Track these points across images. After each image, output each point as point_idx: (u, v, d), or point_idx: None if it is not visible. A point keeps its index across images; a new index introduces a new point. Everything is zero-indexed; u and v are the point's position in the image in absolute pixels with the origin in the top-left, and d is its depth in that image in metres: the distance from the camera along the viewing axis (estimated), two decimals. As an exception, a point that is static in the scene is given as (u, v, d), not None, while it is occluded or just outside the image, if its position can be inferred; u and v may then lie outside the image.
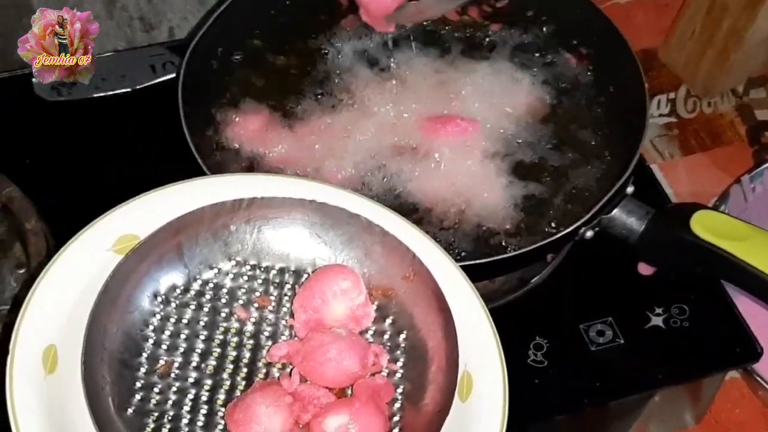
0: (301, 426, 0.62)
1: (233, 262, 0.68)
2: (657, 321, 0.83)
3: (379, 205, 0.70)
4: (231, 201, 0.67)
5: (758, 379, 0.88)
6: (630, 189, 0.81)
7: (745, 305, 0.86)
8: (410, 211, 0.79)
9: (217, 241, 0.67)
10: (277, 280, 0.68)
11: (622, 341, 0.81)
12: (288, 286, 0.68)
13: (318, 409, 0.61)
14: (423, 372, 0.65)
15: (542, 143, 0.85)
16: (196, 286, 0.67)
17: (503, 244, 0.78)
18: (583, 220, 0.77)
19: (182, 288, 0.66)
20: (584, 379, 0.79)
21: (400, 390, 0.65)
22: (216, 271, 0.67)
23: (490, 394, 0.62)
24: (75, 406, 0.58)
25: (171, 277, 0.66)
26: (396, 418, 0.64)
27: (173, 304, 0.65)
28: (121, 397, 0.61)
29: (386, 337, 0.67)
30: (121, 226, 0.65)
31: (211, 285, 0.67)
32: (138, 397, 0.62)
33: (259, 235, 0.68)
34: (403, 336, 0.67)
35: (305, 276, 0.68)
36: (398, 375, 0.65)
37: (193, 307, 0.66)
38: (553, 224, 0.80)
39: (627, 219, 0.79)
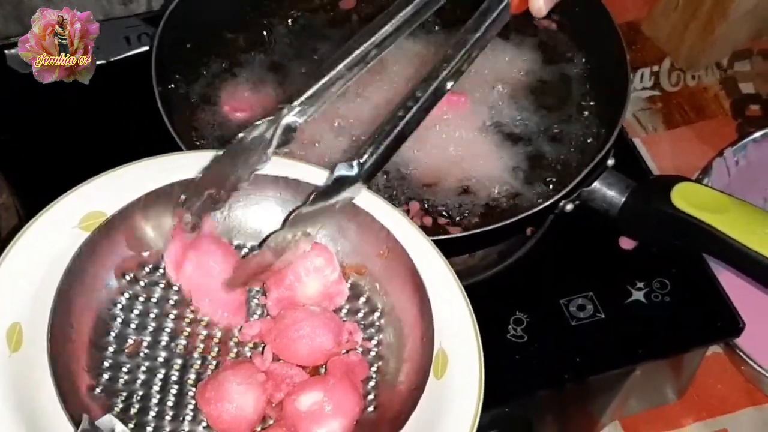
0: (274, 405, 0.61)
1: (204, 240, 0.67)
2: (638, 295, 0.82)
3: (352, 180, 0.69)
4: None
5: (740, 353, 0.88)
6: (611, 161, 0.80)
7: (727, 279, 0.85)
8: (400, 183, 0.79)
9: (188, 218, 0.66)
10: (249, 258, 0.67)
11: (602, 316, 0.81)
12: (261, 263, 0.67)
13: (291, 387, 0.61)
14: (398, 350, 0.64)
15: (524, 116, 0.84)
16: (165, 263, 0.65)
17: (482, 216, 0.77)
18: (562, 193, 0.76)
19: (151, 266, 0.65)
20: (565, 354, 0.78)
21: (374, 368, 0.64)
22: (186, 248, 0.66)
23: (466, 371, 0.61)
24: (41, 385, 0.57)
25: (140, 255, 0.64)
26: (371, 397, 0.63)
27: (142, 283, 0.64)
28: (88, 377, 0.60)
29: (360, 315, 0.66)
30: (87, 202, 0.63)
31: (181, 263, 0.66)
32: (106, 376, 0.60)
33: (230, 213, 0.67)
34: (377, 314, 0.66)
35: (278, 253, 0.67)
36: (373, 353, 0.64)
37: (162, 285, 0.65)
38: (533, 197, 0.79)
39: (607, 191, 0.79)
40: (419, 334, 0.63)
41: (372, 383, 0.63)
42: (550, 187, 0.80)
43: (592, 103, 0.85)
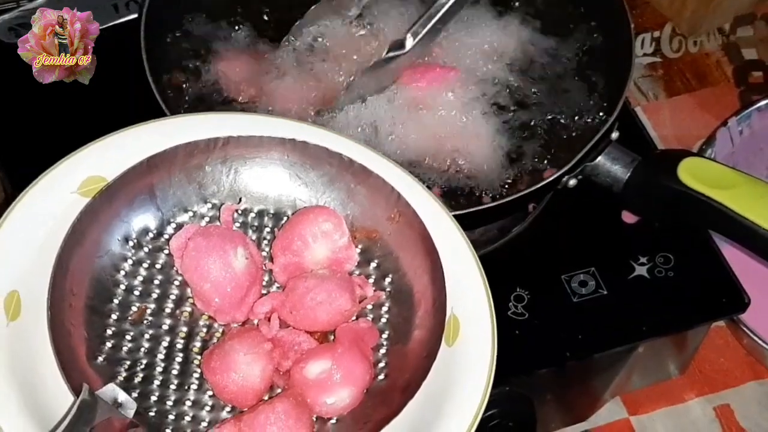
0: (282, 373, 0.59)
1: (209, 205, 0.65)
2: (641, 271, 0.79)
3: (361, 144, 0.67)
4: (205, 140, 0.63)
5: (744, 329, 0.86)
6: (615, 135, 0.77)
7: (730, 252, 0.82)
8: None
9: (192, 182, 0.64)
10: (255, 224, 0.65)
11: (605, 292, 0.78)
12: (267, 229, 0.65)
13: (299, 355, 0.59)
14: (409, 316, 0.62)
15: (524, 88, 0.80)
16: (170, 229, 0.63)
17: (485, 193, 0.75)
18: (566, 168, 0.73)
19: (155, 232, 0.63)
20: (566, 331, 0.76)
21: (385, 335, 0.62)
22: (191, 214, 0.64)
23: (478, 338, 0.59)
24: (41, 354, 0.55)
25: (143, 220, 0.63)
26: (381, 364, 0.61)
27: (146, 249, 0.62)
28: (90, 345, 0.58)
29: (371, 281, 0.64)
30: (87, 167, 0.61)
31: (186, 229, 0.64)
32: (109, 344, 0.59)
33: (236, 177, 0.65)
34: (388, 279, 0.64)
35: (285, 219, 0.65)
36: (383, 320, 0.63)
37: (166, 251, 0.63)
38: (535, 172, 0.76)
39: (611, 166, 0.76)
40: (431, 300, 0.61)
41: (383, 351, 0.61)
42: (553, 162, 0.76)
43: (592, 74, 0.81)
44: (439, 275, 0.61)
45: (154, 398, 0.58)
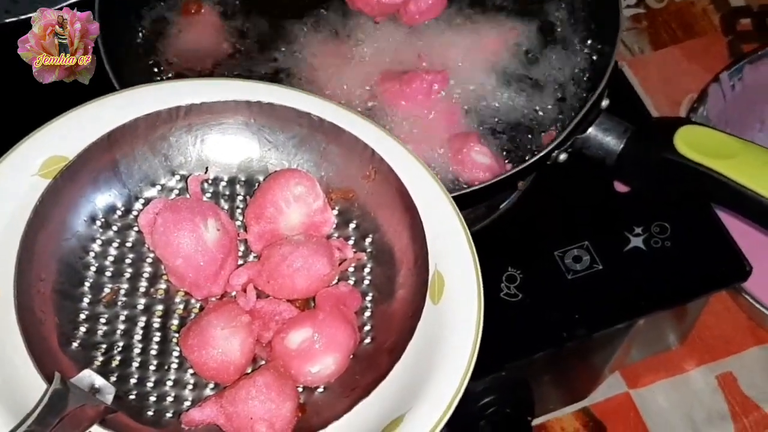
0: (264, 345, 0.57)
1: (177, 177, 0.62)
2: (637, 242, 0.76)
3: (329, 101, 0.64)
4: (167, 110, 0.61)
5: (745, 295, 0.83)
6: (605, 103, 0.73)
7: (725, 217, 0.79)
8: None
9: (157, 155, 0.62)
10: (227, 192, 0.63)
11: (600, 267, 0.75)
12: (240, 197, 0.63)
13: (280, 325, 0.57)
14: (392, 276, 0.60)
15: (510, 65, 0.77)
16: (138, 205, 0.61)
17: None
18: (555, 143, 0.69)
19: (123, 209, 0.61)
20: (562, 311, 0.73)
21: (369, 297, 0.60)
22: (159, 188, 0.62)
23: (464, 294, 0.57)
24: (11, 344, 0.53)
25: (109, 198, 0.60)
26: (367, 327, 0.59)
27: (114, 227, 0.60)
28: (63, 331, 0.56)
29: (351, 242, 0.62)
30: (46, 147, 0.59)
31: (154, 203, 0.61)
32: (83, 329, 0.57)
33: (202, 146, 0.63)
34: (368, 240, 0.62)
35: (257, 185, 0.63)
36: (366, 281, 0.61)
37: (136, 228, 0.61)
38: (524, 147, 0.73)
39: (603, 138, 0.72)
40: (413, 258, 0.59)
41: (367, 314, 0.59)
42: (537, 137, 0.73)
43: (578, 38, 0.77)
44: (419, 231, 0.58)
45: (133, 381, 0.56)
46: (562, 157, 0.71)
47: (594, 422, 0.86)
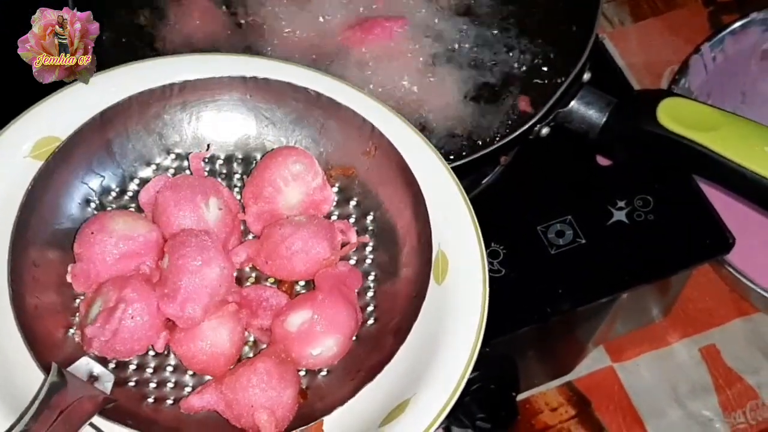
0: (264, 330, 0.56)
1: (173, 156, 0.61)
2: (620, 215, 0.75)
3: (327, 75, 0.62)
4: (160, 87, 0.59)
5: (729, 268, 0.82)
6: (587, 76, 0.71)
7: (707, 189, 0.78)
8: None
9: (151, 133, 0.60)
10: (224, 171, 0.61)
11: (583, 241, 0.74)
12: (237, 176, 0.61)
13: (268, 311, 0.56)
14: (395, 255, 0.58)
15: (476, 34, 0.75)
16: (133, 186, 0.60)
17: (452, 148, 0.70)
18: (537, 117, 0.68)
19: (117, 190, 0.59)
20: (545, 286, 0.72)
21: (371, 276, 0.59)
22: (154, 167, 0.60)
23: (468, 273, 0.56)
24: (5, 332, 0.52)
25: (103, 179, 0.59)
26: (370, 308, 0.58)
27: (109, 209, 0.59)
28: (61, 317, 0.55)
29: (352, 220, 0.60)
30: (37, 128, 0.58)
31: (150, 183, 0.60)
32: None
33: (198, 123, 0.61)
34: (370, 218, 0.60)
35: (255, 163, 0.61)
36: (368, 260, 0.59)
37: (132, 210, 0.59)
38: (505, 123, 0.71)
39: (586, 111, 0.71)
40: (416, 236, 0.57)
41: (370, 294, 0.58)
42: (519, 109, 0.71)
43: (557, 11, 0.75)
44: (422, 209, 0.57)
45: (132, 367, 0.55)
46: (545, 131, 0.70)
47: (578, 396, 0.85)
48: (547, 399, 0.85)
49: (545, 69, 0.74)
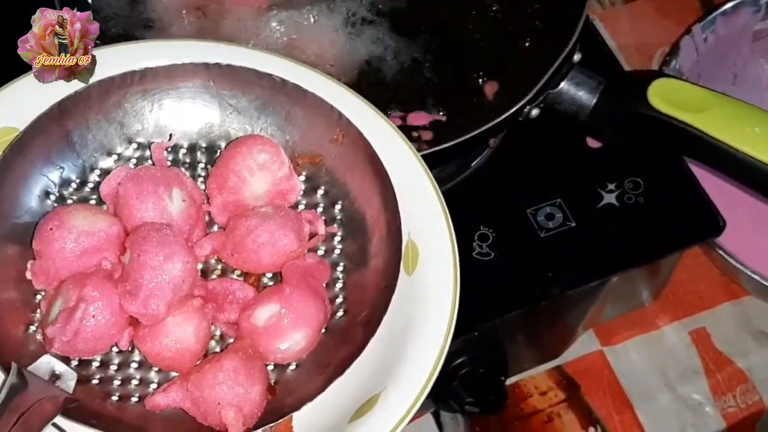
0: (231, 324, 0.55)
1: (134, 145, 0.59)
2: (610, 198, 0.74)
3: (292, 61, 0.61)
4: (120, 74, 0.58)
5: (719, 251, 0.82)
6: (577, 57, 0.70)
7: (697, 171, 0.77)
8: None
9: (112, 122, 0.58)
10: (187, 161, 0.60)
11: (573, 224, 0.73)
12: (201, 165, 0.60)
13: (235, 305, 0.55)
14: (364, 245, 0.57)
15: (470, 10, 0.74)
16: (94, 177, 0.58)
17: (436, 133, 0.69)
18: (527, 98, 0.67)
19: (78, 181, 0.58)
20: (535, 269, 0.71)
21: (340, 267, 0.58)
22: (115, 157, 0.59)
23: (439, 263, 0.55)
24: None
25: (62, 171, 0.57)
26: (339, 300, 0.57)
27: (69, 201, 0.57)
28: (21, 314, 0.53)
29: (319, 210, 0.59)
30: (-7, 118, 0.56)
31: (111, 174, 0.58)
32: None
33: (160, 112, 0.59)
34: (338, 207, 0.59)
35: (219, 152, 0.60)
36: (337, 251, 0.58)
37: (93, 201, 0.58)
38: (493, 104, 0.70)
39: (576, 92, 0.70)
40: (385, 226, 0.56)
41: (339, 285, 0.57)
42: (511, 91, 0.70)
43: None
44: (391, 197, 0.56)
45: (96, 364, 0.54)
46: (534, 112, 0.69)
47: (567, 380, 0.85)
48: (537, 383, 0.85)
49: (535, 49, 0.73)
